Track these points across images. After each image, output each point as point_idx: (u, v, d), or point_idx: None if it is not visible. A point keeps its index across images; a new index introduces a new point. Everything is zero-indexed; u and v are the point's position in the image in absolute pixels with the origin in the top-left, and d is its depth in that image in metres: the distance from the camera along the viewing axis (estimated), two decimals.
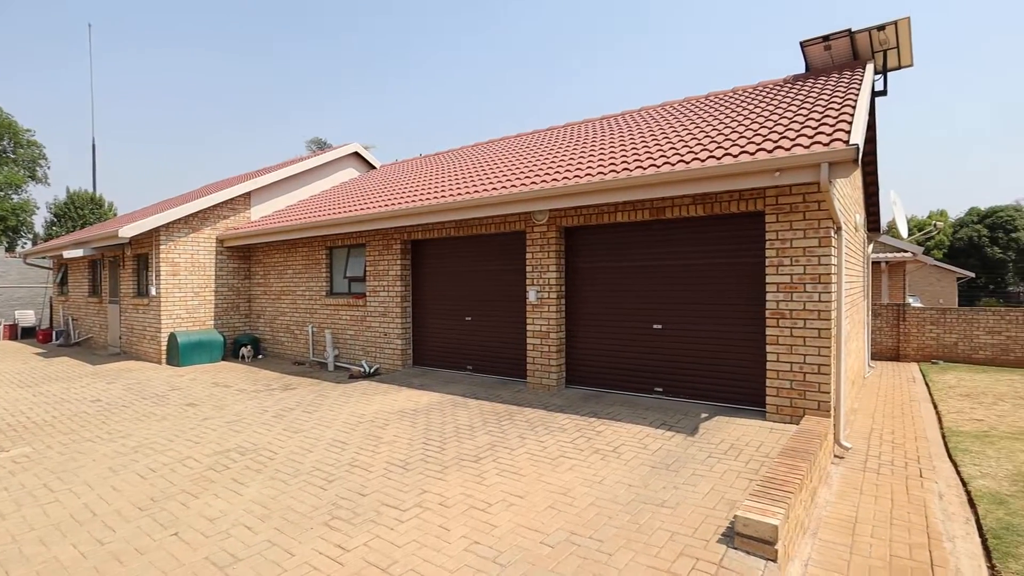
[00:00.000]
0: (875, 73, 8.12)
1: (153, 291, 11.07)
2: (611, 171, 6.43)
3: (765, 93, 8.22)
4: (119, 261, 12.84)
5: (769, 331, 5.71)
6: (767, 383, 5.71)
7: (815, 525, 4.05)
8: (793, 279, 5.57)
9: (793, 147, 5.24)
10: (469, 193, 7.88)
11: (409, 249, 9.63)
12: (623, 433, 5.43)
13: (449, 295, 9.16)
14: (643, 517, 3.66)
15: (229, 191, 12.11)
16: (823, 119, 5.73)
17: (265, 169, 15.27)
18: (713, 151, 5.88)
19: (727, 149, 5.79)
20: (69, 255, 12.67)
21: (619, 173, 6.25)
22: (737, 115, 7.26)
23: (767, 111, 6.95)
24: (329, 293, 10.92)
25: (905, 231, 12.07)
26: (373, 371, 9.35)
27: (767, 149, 5.41)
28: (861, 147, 4.96)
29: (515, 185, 7.36)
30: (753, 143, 5.71)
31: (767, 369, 5.71)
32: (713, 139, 6.36)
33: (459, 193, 8.11)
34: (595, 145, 8.24)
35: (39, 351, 13.92)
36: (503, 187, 7.49)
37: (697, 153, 6.00)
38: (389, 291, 9.63)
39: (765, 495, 3.49)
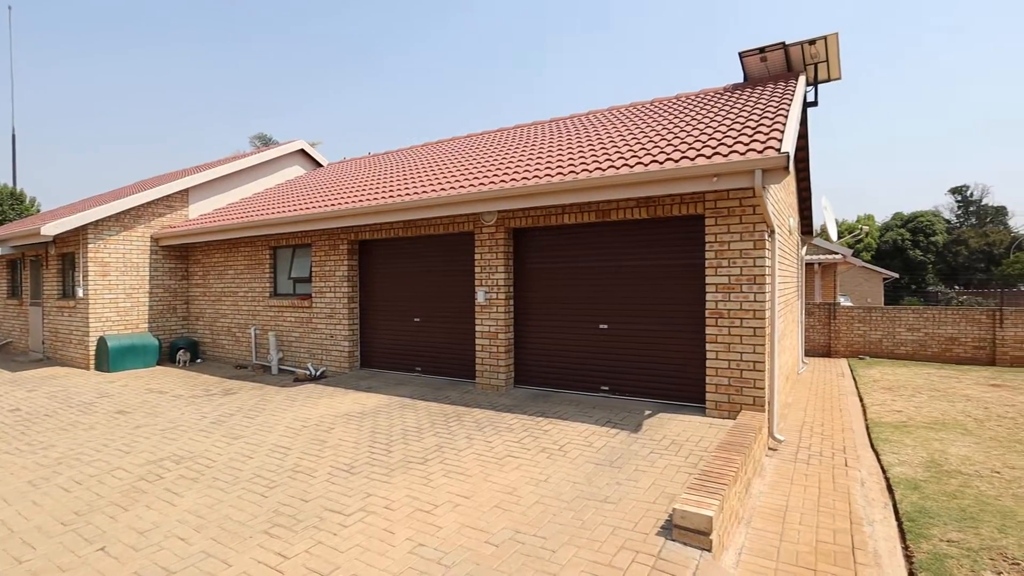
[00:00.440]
0: (807, 84, 8.57)
1: (80, 292, 10.42)
2: (559, 173, 6.53)
3: (706, 100, 8.53)
4: (42, 261, 12.01)
5: (708, 330, 5.93)
6: (706, 380, 5.94)
7: (749, 515, 4.24)
8: (731, 280, 5.81)
9: (730, 154, 5.47)
10: (418, 193, 7.82)
11: (356, 249, 9.46)
12: (569, 432, 5.52)
13: (397, 296, 9.05)
14: (587, 513, 3.74)
15: (165, 187, 11.54)
16: (758, 127, 6.00)
17: (205, 165, 14.65)
18: (656, 156, 6.07)
19: (669, 154, 5.98)
20: None
21: (566, 176, 6.35)
22: (680, 121, 7.51)
23: (707, 118, 7.22)
24: (273, 294, 10.59)
25: (835, 235, 12.81)
26: (319, 374, 9.14)
27: (706, 155, 5.62)
28: (792, 155, 5.23)
29: (464, 186, 7.35)
30: (694, 149, 5.92)
31: (706, 367, 5.94)
32: (656, 144, 6.56)
33: (408, 193, 8.04)
34: (544, 147, 8.34)
35: None
36: (452, 188, 7.47)
37: (641, 158, 6.17)
38: (336, 292, 9.43)
39: (702, 488, 3.64)
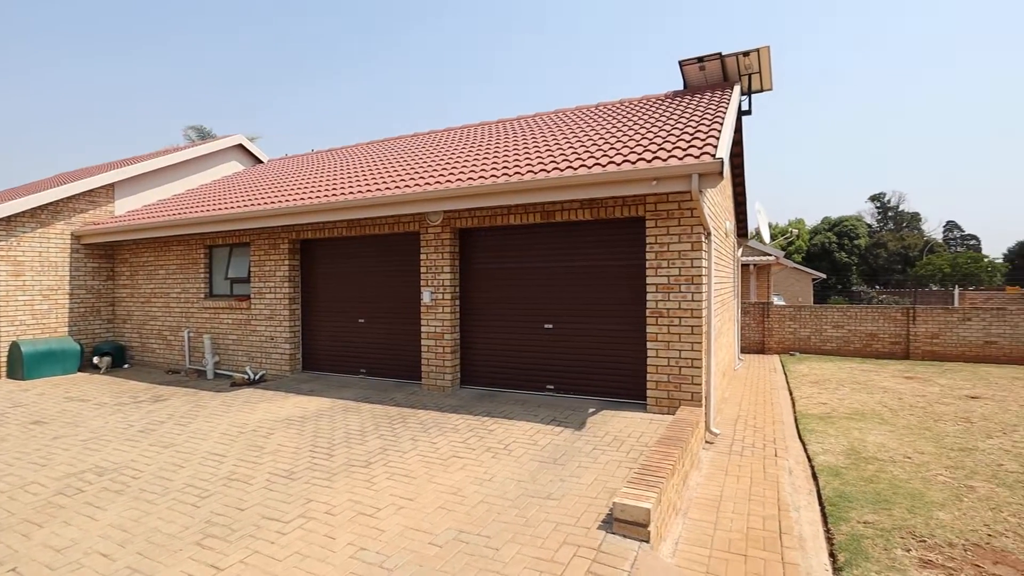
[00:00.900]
0: (742, 94, 8.99)
1: None
2: (504, 174, 6.57)
3: (648, 106, 8.80)
4: None
5: (649, 329, 6.12)
6: (647, 377, 6.12)
7: (686, 506, 4.41)
8: (670, 280, 6.02)
9: (669, 158, 5.67)
10: (362, 192, 7.68)
11: (298, 249, 9.19)
12: (515, 431, 5.57)
13: (341, 296, 8.86)
14: (530, 511, 3.79)
15: (88, 181, 10.81)
16: (696, 134, 6.25)
17: (133, 158, 13.84)
18: (599, 159, 6.21)
19: (611, 157, 6.13)
20: None
21: (512, 177, 6.40)
22: (623, 125, 7.71)
23: (649, 123, 7.45)
24: (208, 295, 10.13)
25: (768, 237, 13.48)
26: (258, 378, 8.81)
27: (647, 159, 5.80)
28: (727, 160, 5.47)
29: (409, 185, 7.28)
30: (635, 153, 6.10)
31: (647, 364, 6.12)
32: (600, 147, 6.71)
33: (352, 192, 7.87)
34: (491, 148, 8.37)
35: None
36: (397, 187, 7.38)
37: (585, 160, 6.30)
38: (276, 293, 9.12)
39: (641, 482, 3.75)
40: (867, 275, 50.24)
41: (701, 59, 8.73)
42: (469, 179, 6.82)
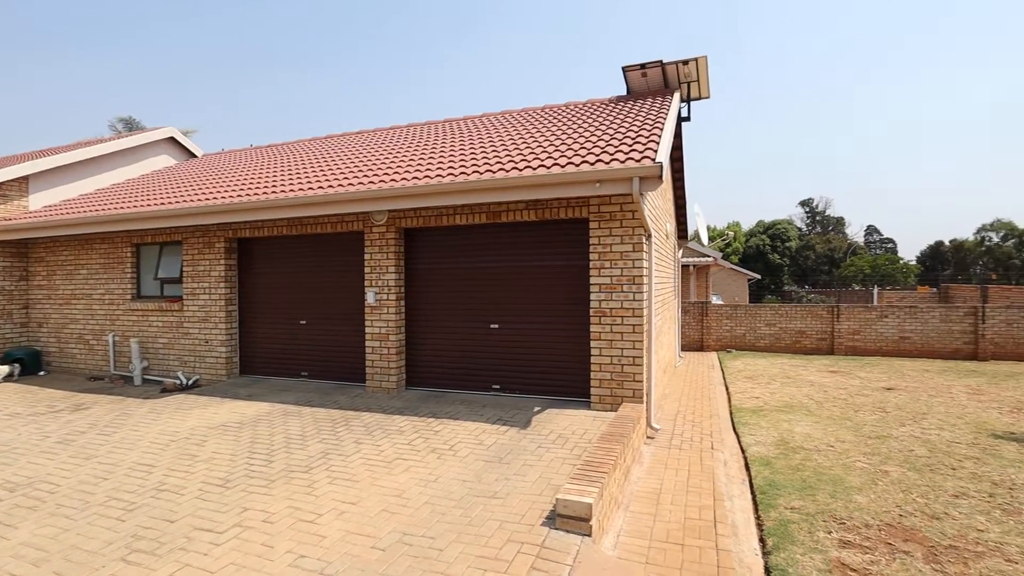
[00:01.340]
0: (681, 101, 9.32)
1: None
2: (450, 174, 6.55)
3: (593, 110, 8.98)
4: None
5: (593, 328, 6.26)
6: (591, 375, 6.25)
7: (628, 499, 4.54)
8: (613, 280, 6.17)
9: (611, 161, 5.81)
10: (304, 190, 7.46)
11: (235, 248, 8.82)
12: (460, 431, 5.56)
13: (282, 297, 8.57)
14: (475, 510, 3.79)
15: None
16: (637, 138, 6.43)
17: (50, 150, 12.87)
18: (544, 160, 6.29)
19: (556, 159, 6.23)
20: None
21: (457, 176, 6.39)
22: (568, 127, 7.84)
23: (593, 126, 7.60)
24: (136, 296, 9.56)
25: (706, 239, 14.05)
26: (191, 383, 8.40)
27: (590, 162, 5.93)
28: (666, 164, 5.67)
29: (353, 184, 7.13)
30: (579, 155, 6.21)
31: (591, 362, 6.25)
32: (545, 149, 6.80)
33: (293, 189, 7.64)
34: (436, 147, 8.31)
35: None
36: (341, 185, 7.22)
37: (530, 161, 6.36)
38: (211, 293, 8.72)
39: (584, 477, 3.83)
40: (797, 276, 53.10)
41: (643, 66, 8.99)
42: (415, 178, 6.75)
